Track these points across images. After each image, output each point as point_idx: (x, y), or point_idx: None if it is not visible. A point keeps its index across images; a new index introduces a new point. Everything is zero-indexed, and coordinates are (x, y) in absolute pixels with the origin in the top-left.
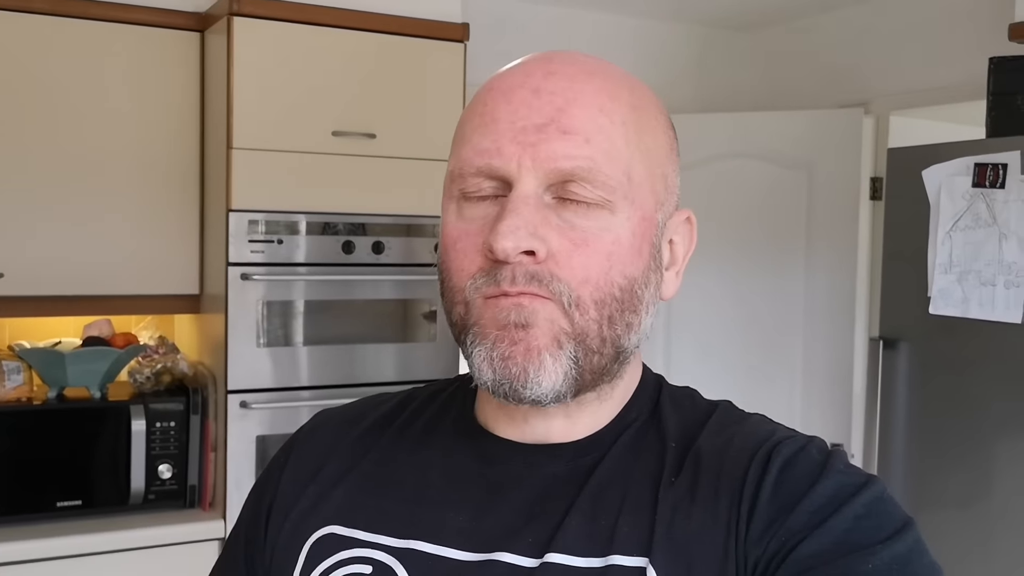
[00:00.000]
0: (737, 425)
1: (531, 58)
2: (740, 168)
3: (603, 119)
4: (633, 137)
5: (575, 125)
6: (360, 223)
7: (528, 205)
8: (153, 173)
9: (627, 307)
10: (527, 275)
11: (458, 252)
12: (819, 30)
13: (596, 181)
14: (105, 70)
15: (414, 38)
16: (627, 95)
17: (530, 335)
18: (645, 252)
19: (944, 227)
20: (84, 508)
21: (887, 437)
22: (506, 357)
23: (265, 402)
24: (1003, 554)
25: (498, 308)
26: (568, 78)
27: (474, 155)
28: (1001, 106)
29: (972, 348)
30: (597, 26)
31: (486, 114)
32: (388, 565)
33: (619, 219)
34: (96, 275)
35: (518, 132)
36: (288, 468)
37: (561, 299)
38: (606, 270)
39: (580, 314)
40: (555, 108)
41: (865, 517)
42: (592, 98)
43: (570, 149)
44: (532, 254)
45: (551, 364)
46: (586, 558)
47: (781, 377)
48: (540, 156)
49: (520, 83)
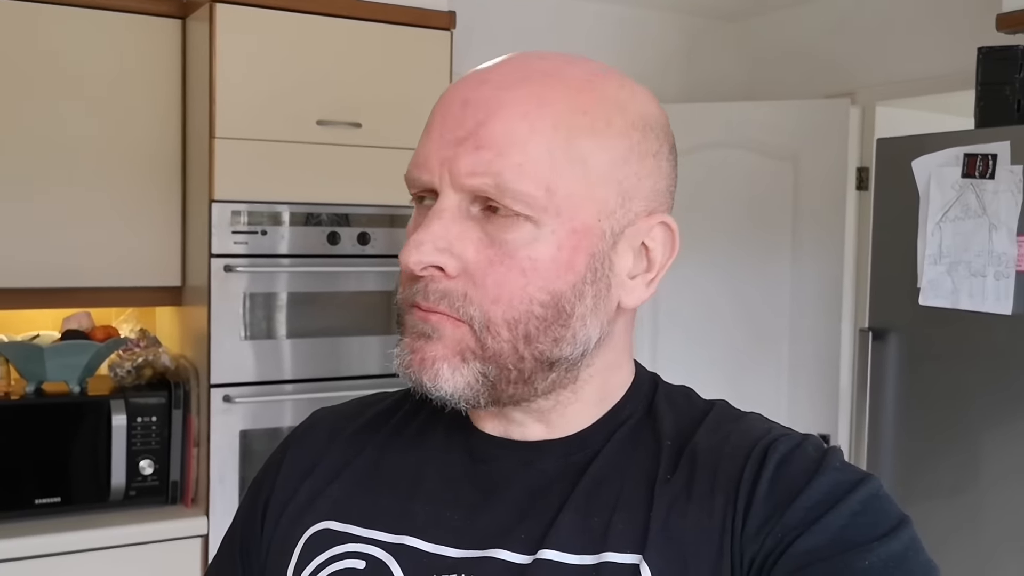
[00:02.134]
0: (733, 423)
1: (487, 64)
2: (726, 158)
3: (522, 129)
4: (561, 145)
5: (489, 139)
6: (345, 214)
7: (442, 219)
8: (134, 163)
9: (552, 320)
10: (438, 292)
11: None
12: (806, 20)
13: (507, 197)
14: (85, 58)
15: (400, 26)
16: (564, 99)
17: (428, 346)
18: (578, 264)
19: (933, 218)
20: (63, 505)
21: (876, 428)
22: (406, 365)
23: (249, 396)
24: (991, 544)
25: (412, 317)
26: (497, 87)
27: (412, 166)
28: (990, 96)
29: (962, 339)
30: (584, 15)
31: (428, 124)
32: (382, 560)
33: (544, 232)
34: (75, 267)
35: (442, 145)
36: (284, 465)
37: (472, 324)
38: (522, 287)
39: (491, 337)
40: (476, 121)
41: (861, 514)
42: (515, 107)
43: (479, 165)
44: (442, 269)
45: (448, 373)
46: (579, 555)
47: (768, 368)
48: (454, 171)
49: (456, 94)
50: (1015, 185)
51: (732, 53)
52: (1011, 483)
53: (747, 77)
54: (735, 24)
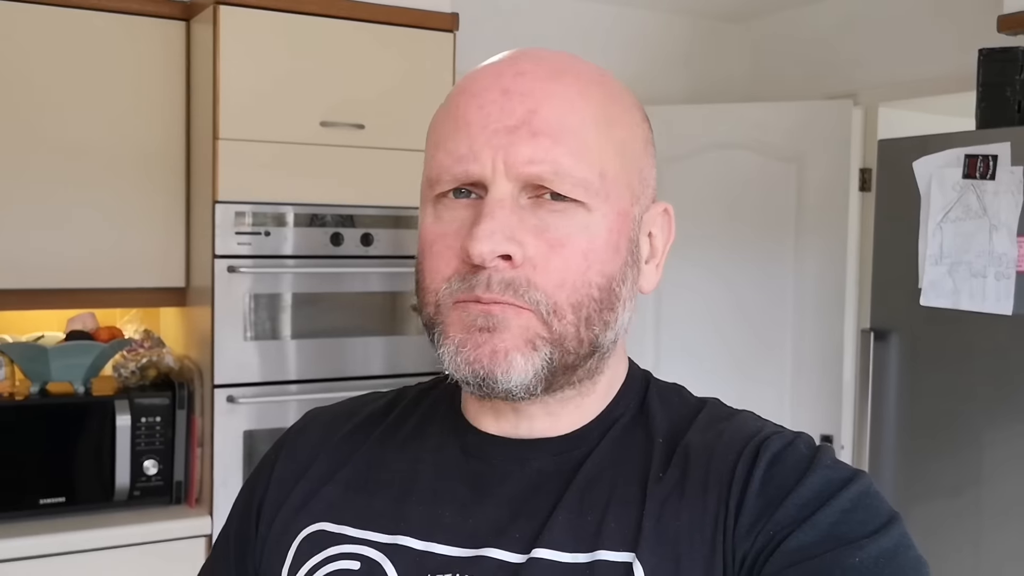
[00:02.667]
0: (725, 421)
1: (500, 58)
2: (729, 159)
3: (573, 118)
4: (605, 133)
5: (545, 126)
6: (348, 215)
7: (504, 208)
8: (138, 164)
9: (605, 306)
10: (503, 282)
11: (434, 255)
12: (808, 21)
13: (568, 183)
14: (89, 60)
15: (403, 28)
16: (598, 91)
17: (496, 338)
18: (623, 248)
19: (935, 218)
20: (67, 505)
21: (878, 429)
22: (471, 361)
23: (252, 396)
24: (993, 544)
25: (466, 312)
26: (538, 78)
27: (451, 161)
28: (991, 97)
29: (963, 340)
30: (587, 15)
31: (459, 117)
32: (376, 561)
33: (595, 217)
34: (80, 268)
35: (491, 135)
36: (278, 465)
37: (539, 308)
38: (583, 271)
39: (558, 320)
40: (526, 109)
41: (852, 511)
42: (562, 97)
43: (540, 152)
44: (508, 258)
45: (521, 362)
46: (572, 553)
47: (771, 369)
48: (511, 160)
49: (490, 85)
50: (1016, 186)
51: (735, 54)
52: (1012, 483)
53: (750, 78)
54: (738, 25)
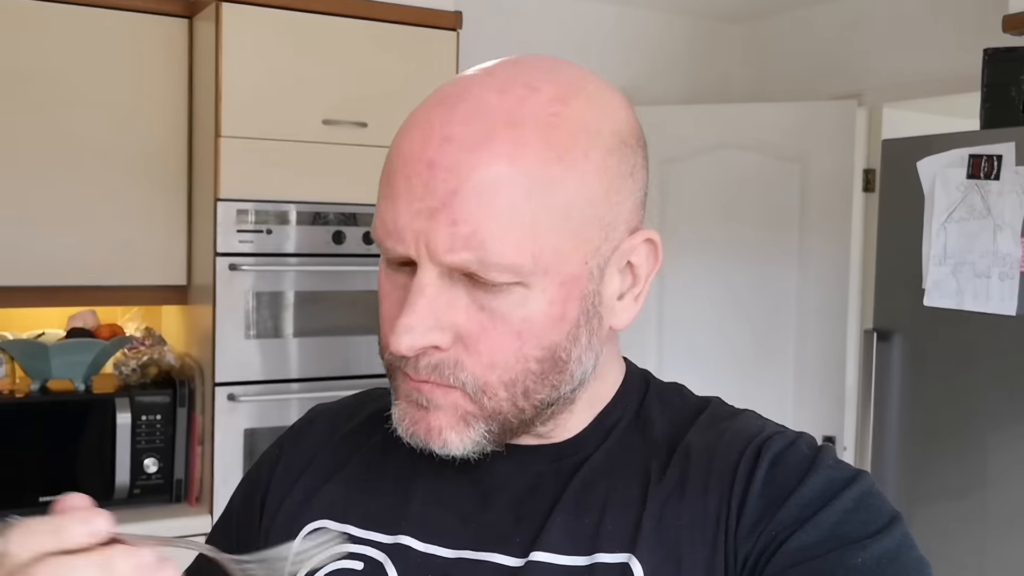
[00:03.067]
0: (727, 421)
1: (437, 105)
2: (732, 160)
3: (499, 197)
4: (539, 203)
5: (464, 211)
6: (351, 213)
7: (426, 296)
8: (140, 161)
9: (550, 371)
10: (429, 366)
11: (382, 314)
12: (812, 21)
13: (490, 272)
14: (91, 57)
15: (406, 26)
16: (536, 148)
17: (431, 416)
18: (571, 312)
19: (938, 219)
20: None
21: (881, 429)
22: (411, 434)
23: (254, 395)
24: (998, 546)
25: (405, 383)
26: (464, 147)
27: (383, 233)
28: (995, 97)
29: (967, 340)
30: (588, 15)
31: (390, 186)
32: (379, 562)
33: (534, 292)
34: (81, 265)
35: (413, 216)
36: (281, 461)
37: (466, 389)
38: (516, 349)
39: (488, 399)
40: (447, 189)
41: (854, 511)
42: (486, 171)
43: (457, 242)
44: (436, 347)
45: (456, 439)
46: (571, 556)
47: (774, 369)
48: (431, 246)
49: (418, 151)
50: (1020, 186)
51: (738, 55)
52: (1017, 484)
53: (753, 79)
54: (741, 26)
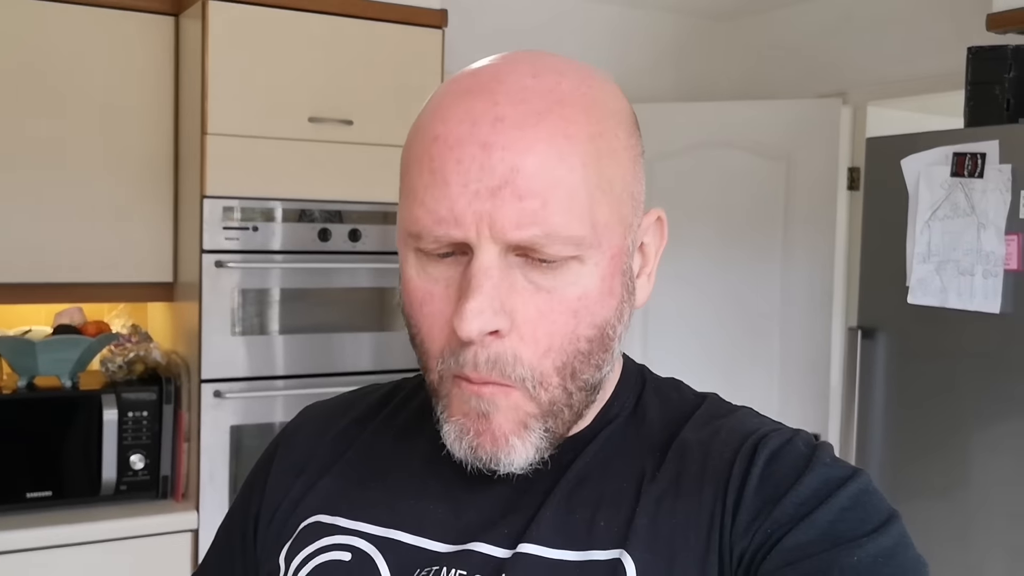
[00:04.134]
0: (724, 418)
1: (474, 91)
2: (718, 157)
3: (561, 169)
4: (594, 176)
5: (530, 187)
6: (337, 210)
7: (491, 278)
8: (126, 159)
9: (597, 349)
10: (489, 361)
11: (425, 317)
12: (798, 20)
13: (558, 243)
14: (77, 54)
15: (392, 24)
16: (584, 124)
17: (494, 424)
18: (617, 287)
19: (922, 217)
20: (54, 499)
21: (865, 427)
22: (475, 447)
23: (240, 392)
24: (980, 542)
25: (463, 393)
26: (518, 125)
27: (431, 222)
28: (979, 96)
29: (950, 338)
30: (576, 13)
31: (436, 172)
32: (367, 553)
33: (588, 267)
34: (67, 262)
35: (472, 197)
36: (277, 461)
37: (524, 385)
38: (571, 329)
39: (544, 390)
40: (508, 167)
41: (850, 509)
42: (547, 146)
43: (525, 216)
44: (496, 332)
45: (520, 445)
46: (561, 550)
47: (759, 367)
48: (497, 225)
49: (468, 134)
50: (1003, 184)
51: (724, 53)
52: (1000, 481)
53: (739, 77)
54: (727, 24)
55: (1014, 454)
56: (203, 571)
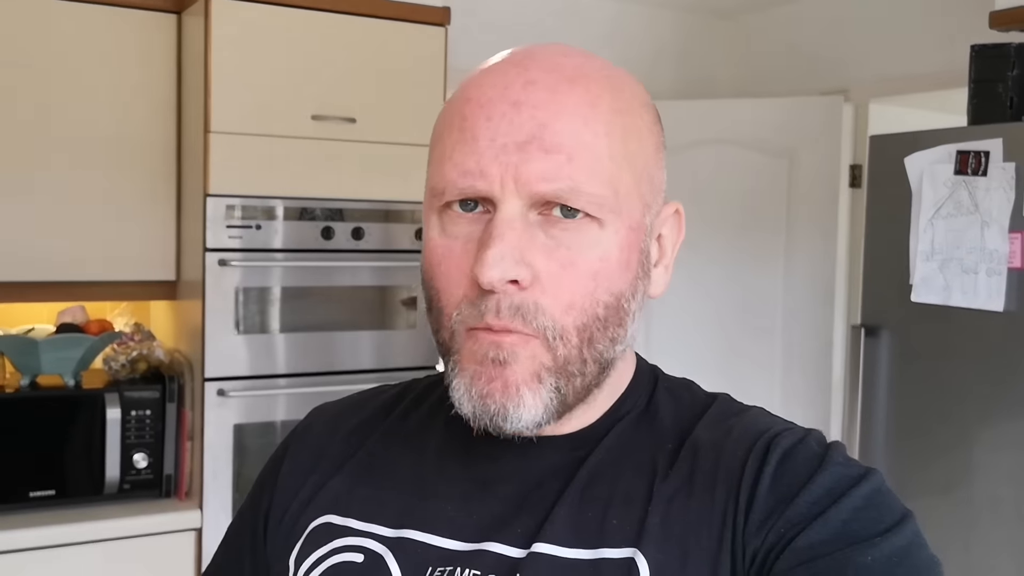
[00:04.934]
0: (736, 417)
1: (507, 61)
2: (720, 155)
3: (586, 133)
4: (618, 146)
5: (557, 142)
6: (339, 208)
7: (514, 229)
8: (129, 157)
9: (611, 322)
10: (511, 308)
11: (442, 274)
12: (800, 17)
13: (581, 200)
14: (80, 52)
15: (395, 21)
16: (610, 100)
17: (508, 371)
18: (633, 262)
19: (926, 214)
20: (57, 498)
21: (868, 425)
22: (484, 395)
23: (243, 390)
24: (984, 541)
25: (478, 343)
26: (548, 88)
27: (457, 175)
28: (983, 93)
29: (954, 336)
30: (579, 10)
31: (466, 129)
32: (379, 554)
33: (607, 233)
34: (70, 260)
35: (499, 151)
36: (287, 460)
37: (545, 334)
38: (591, 291)
39: (563, 345)
40: (536, 123)
41: (864, 509)
42: (574, 109)
43: (552, 170)
44: (516, 282)
45: (530, 398)
46: (574, 549)
47: (761, 364)
48: (522, 177)
49: (499, 95)
50: (1007, 182)
51: (726, 50)
52: (1004, 479)
53: (741, 74)
54: (729, 21)
55: (1018, 452)
56: (212, 571)
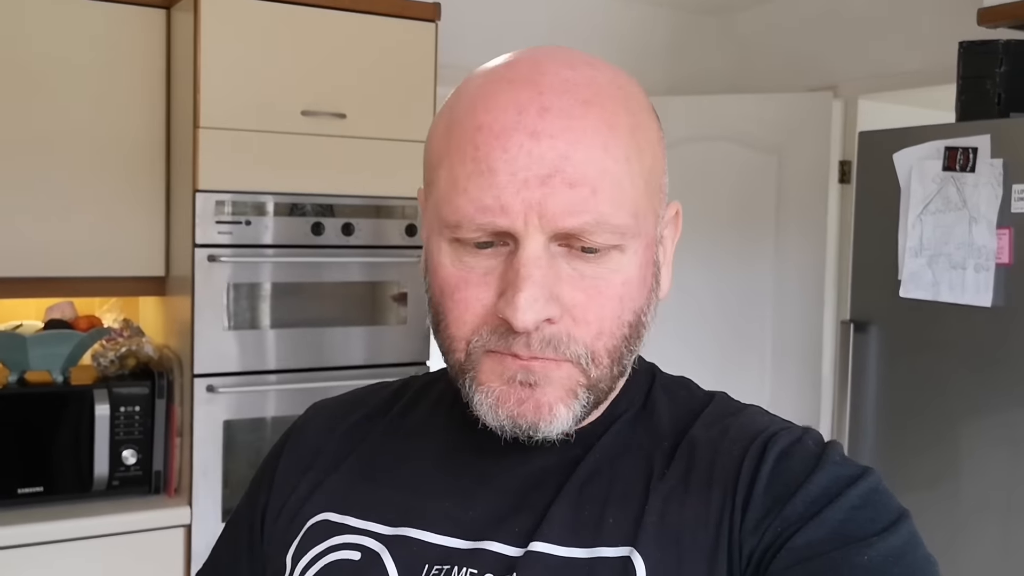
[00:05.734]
0: (732, 416)
1: (516, 80)
2: (710, 151)
3: (608, 160)
4: (636, 168)
5: (580, 175)
6: (330, 204)
7: (540, 268)
8: (118, 152)
9: (633, 338)
10: (543, 340)
11: (457, 303)
12: (789, 14)
13: (606, 232)
14: (69, 47)
15: (385, 17)
16: (624, 116)
17: (538, 393)
18: (649, 276)
19: (915, 210)
20: (46, 495)
21: (857, 420)
22: (515, 416)
23: (232, 386)
24: (972, 535)
25: (503, 365)
26: (565, 114)
27: (474, 210)
28: (971, 90)
29: (942, 331)
30: (569, 6)
31: (480, 160)
32: (376, 552)
33: (628, 256)
34: (59, 256)
35: (520, 186)
36: (284, 457)
37: (579, 361)
38: (618, 314)
39: (596, 368)
40: (557, 155)
41: (860, 508)
42: (593, 136)
43: (576, 204)
44: (549, 319)
45: (564, 413)
46: (570, 548)
47: (751, 359)
48: (547, 213)
49: (514, 123)
50: (995, 178)
51: (716, 46)
52: (992, 474)
53: (731, 70)
54: (719, 17)
55: (1006, 446)
56: (209, 566)
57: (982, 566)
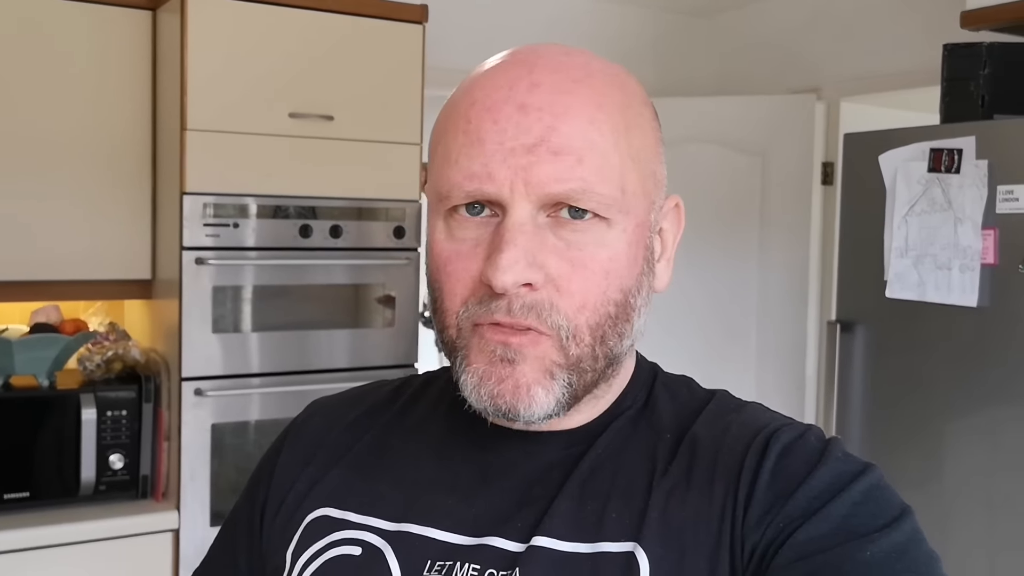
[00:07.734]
0: (734, 413)
1: (511, 62)
2: (695, 153)
3: (594, 133)
4: (623, 144)
5: (566, 144)
6: (316, 207)
7: (525, 233)
8: (104, 154)
9: (620, 319)
10: (524, 306)
11: (449, 275)
12: (773, 15)
13: (591, 201)
14: (54, 49)
15: (373, 19)
16: (616, 97)
17: (517, 371)
18: (639, 258)
19: (900, 212)
20: (32, 500)
21: (843, 420)
22: (495, 395)
23: (221, 389)
24: (958, 533)
25: (484, 340)
26: (554, 90)
27: (463, 179)
28: (955, 92)
29: (928, 331)
30: (554, 8)
31: (471, 132)
32: (378, 547)
33: (615, 232)
34: (44, 259)
35: (507, 154)
36: (283, 453)
37: (559, 333)
38: (603, 290)
39: (576, 344)
40: (544, 126)
41: (863, 504)
42: (580, 110)
43: (562, 171)
44: (530, 285)
45: (543, 395)
46: (573, 543)
47: (736, 360)
48: (532, 180)
49: (504, 97)
50: (980, 179)
51: (701, 48)
52: (977, 472)
53: (716, 72)
54: (703, 19)
55: (991, 445)
56: (207, 565)
57: (969, 563)
